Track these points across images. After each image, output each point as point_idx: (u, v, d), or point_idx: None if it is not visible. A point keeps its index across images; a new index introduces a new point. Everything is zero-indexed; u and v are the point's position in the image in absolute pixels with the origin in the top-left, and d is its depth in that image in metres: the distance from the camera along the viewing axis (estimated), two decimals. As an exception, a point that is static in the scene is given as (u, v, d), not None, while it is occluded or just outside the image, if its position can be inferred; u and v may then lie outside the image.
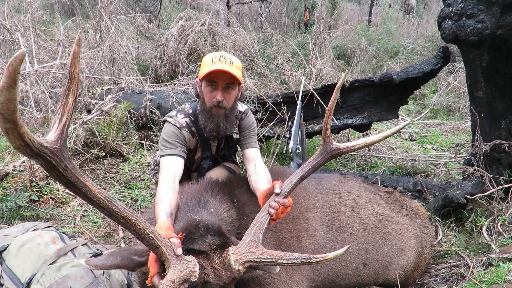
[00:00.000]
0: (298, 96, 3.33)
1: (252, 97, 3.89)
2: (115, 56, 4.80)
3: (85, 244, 1.92)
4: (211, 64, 1.88)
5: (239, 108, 2.24)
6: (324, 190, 2.14)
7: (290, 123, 3.29)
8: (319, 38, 6.34)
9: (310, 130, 3.84)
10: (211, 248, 1.28)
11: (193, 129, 2.14)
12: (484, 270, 2.18)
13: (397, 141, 5.30)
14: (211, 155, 2.33)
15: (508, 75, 2.75)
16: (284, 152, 3.10)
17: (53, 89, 4.07)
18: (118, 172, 3.39)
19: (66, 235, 1.94)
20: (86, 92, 4.17)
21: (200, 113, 2.08)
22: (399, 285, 2.11)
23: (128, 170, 3.43)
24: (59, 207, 2.83)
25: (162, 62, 5.46)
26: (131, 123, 4.06)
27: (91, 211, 2.85)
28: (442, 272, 2.39)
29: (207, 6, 8.25)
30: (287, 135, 3.16)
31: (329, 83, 4.18)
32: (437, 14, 2.80)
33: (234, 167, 2.43)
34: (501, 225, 2.54)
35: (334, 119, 3.88)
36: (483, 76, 2.68)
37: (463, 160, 3.35)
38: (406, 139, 5.43)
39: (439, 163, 4.22)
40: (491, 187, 2.72)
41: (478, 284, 1.99)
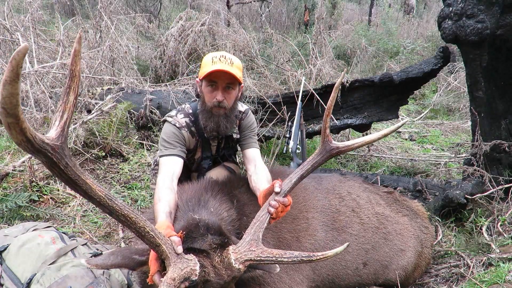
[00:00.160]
0: (298, 96, 3.33)
1: (252, 97, 3.89)
2: (115, 56, 4.80)
3: (85, 244, 1.92)
4: (211, 64, 1.88)
5: (239, 108, 2.24)
6: (324, 190, 2.14)
7: (290, 123, 3.29)
8: (319, 38, 6.34)
9: (310, 130, 3.84)
10: (212, 247, 1.28)
11: (192, 129, 2.14)
12: (484, 270, 2.18)
13: (397, 141, 5.29)
14: (211, 155, 2.33)
15: (508, 75, 2.75)
16: (284, 152, 3.10)
17: (53, 89, 4.07)
18: (118, 172, 3.39)
19: (66, 235, 1.94)
20: (86, 92, 4.17)
21: (200, 112, 2.09)
22: (399, 285, 2.11)
23: (128, 170, 3.43)
24: (59, 207, 2.83)
25: (162, 62, 5.46)
26: (131, 123, 4.06)
27: (91, 211, 2.85)
28: (442, 272, 2.39)
29: (207, 6, 8.25)
30: (287, 135, 3.17)
31: (329, 83, 4.17)
32: (437, 14, 2.80)
33: (234, 167, 2.43)
34: (501, 225, 2.54)
35: (334, 119, 3.88)
36: (483, 76, 2.68)
37: (463, 160, 3.35)
38: (406, 139, 5.42)
39: (439, 163, 4.22)
40: (491, 187, 2.72)
41: (478, 284, 1.99)
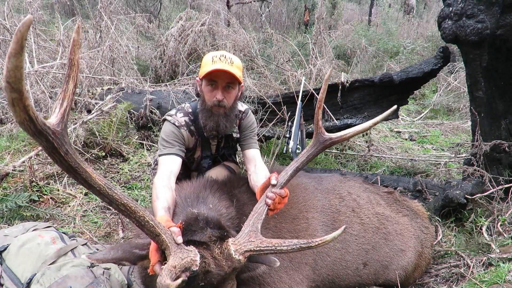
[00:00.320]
0: (298, 96, 3.33)
1: (252, 97, 3.89)
2: (115, 56, 4.80)
3: (85, 244, 1.92)
4: (211, 63, 1.88)
5: (239, 107, 2.25)
6: (324, 190, 2.13)
7: (290, 123, 3.29)
8: (319, 38, 6.34)
9: (310, 130, 3.84)
10: (211, 239, 1.28)
11: (192, 128, 2.14)
12: (484, 270, 2.18)
13: (397, 141, 5.29)
14: (211, 154, 2.33)
15: (508, 75, 2.75)
16: (284, 152, 3.10)
17: (53, 89, 4.07)
18: (118, 172, 3.39)
19: (66, 235, 1.94)
20: (86, 92, 4.17)
21: (200, 112, 2.09)
22: (399, 285, 2.11)
23: (128, 170, 3.43)
24: (59, 207, 2.83)
25: (162, 62, 5.46)
26: (131, 123, 4.06)
27: (91, 211, 2.85)
28: (442, 272, 2.39)
29: (207, 6, 8.25)
30: (287, 135, 3.17)
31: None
32: (437, 14, 2.80)
33: (234, 167, 2.43)
34: (501, 225, 2.54)
35: (334, 119, 3.88)
36: (483, 76, 2.68)
37: (463, 160, 3.35)
38: (406, 139, 5.42)
39: (439, 163, 4.22)
40: (491, 187, 2.72)
41: (478, 284, 1.99)
